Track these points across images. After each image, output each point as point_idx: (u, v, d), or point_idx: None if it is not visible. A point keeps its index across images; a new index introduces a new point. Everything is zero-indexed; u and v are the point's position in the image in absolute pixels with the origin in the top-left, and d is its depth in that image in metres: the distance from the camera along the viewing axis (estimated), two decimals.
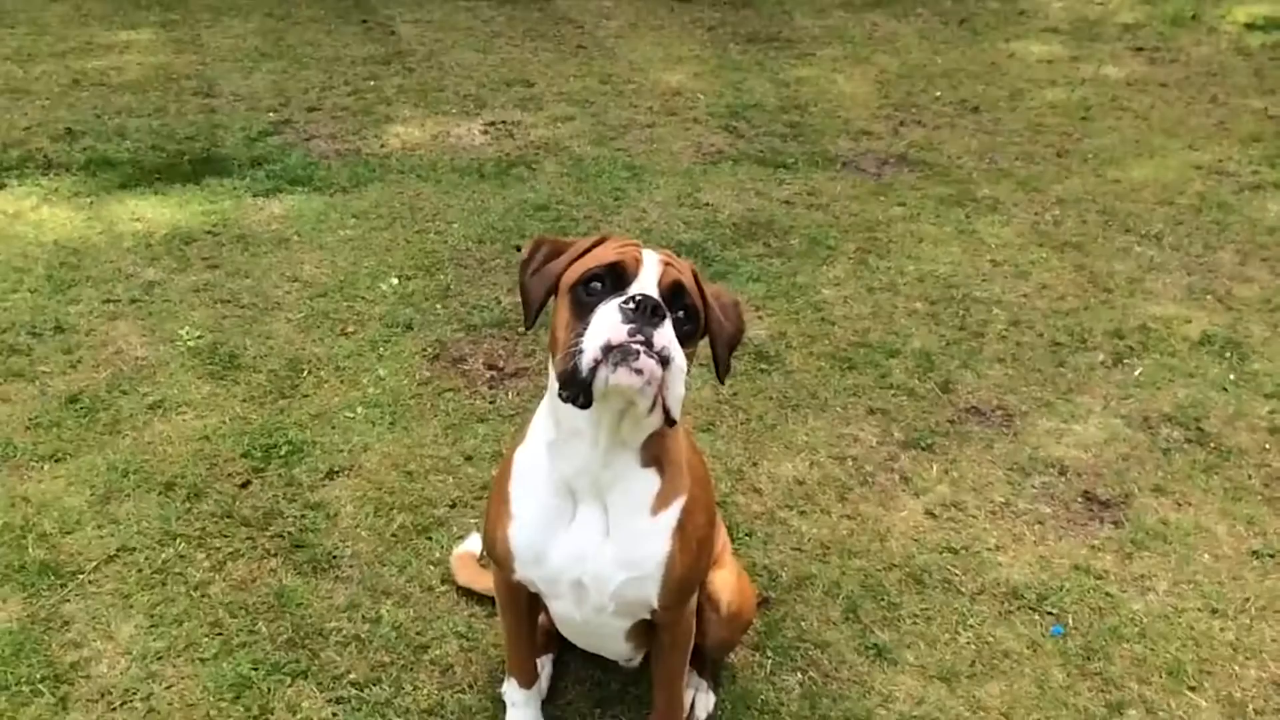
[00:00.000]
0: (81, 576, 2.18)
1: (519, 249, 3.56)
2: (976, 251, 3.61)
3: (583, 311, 1.44)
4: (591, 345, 1.38)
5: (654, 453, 1.59)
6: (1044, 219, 3.84)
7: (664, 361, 1.38)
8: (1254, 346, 3.08)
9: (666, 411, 1.43)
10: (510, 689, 1.86)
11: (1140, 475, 2.57)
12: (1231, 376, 2.95)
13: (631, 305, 1.40)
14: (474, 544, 2.22)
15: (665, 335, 1.39)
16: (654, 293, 1.44)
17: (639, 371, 1.37)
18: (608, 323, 1.39)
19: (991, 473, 2.57)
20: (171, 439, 2.61)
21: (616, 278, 1.47)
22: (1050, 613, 2.16)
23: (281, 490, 2.45)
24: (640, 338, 1.38)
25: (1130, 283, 3.42)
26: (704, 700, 1.95)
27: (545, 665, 1.97)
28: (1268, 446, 2.66)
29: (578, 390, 1.41)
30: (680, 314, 1.47)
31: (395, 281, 3.37)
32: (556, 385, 1.45)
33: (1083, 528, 2.40)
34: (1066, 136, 4.59)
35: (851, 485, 2.52)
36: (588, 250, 1.52)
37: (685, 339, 1.46)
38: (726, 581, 1.85)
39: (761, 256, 3.58)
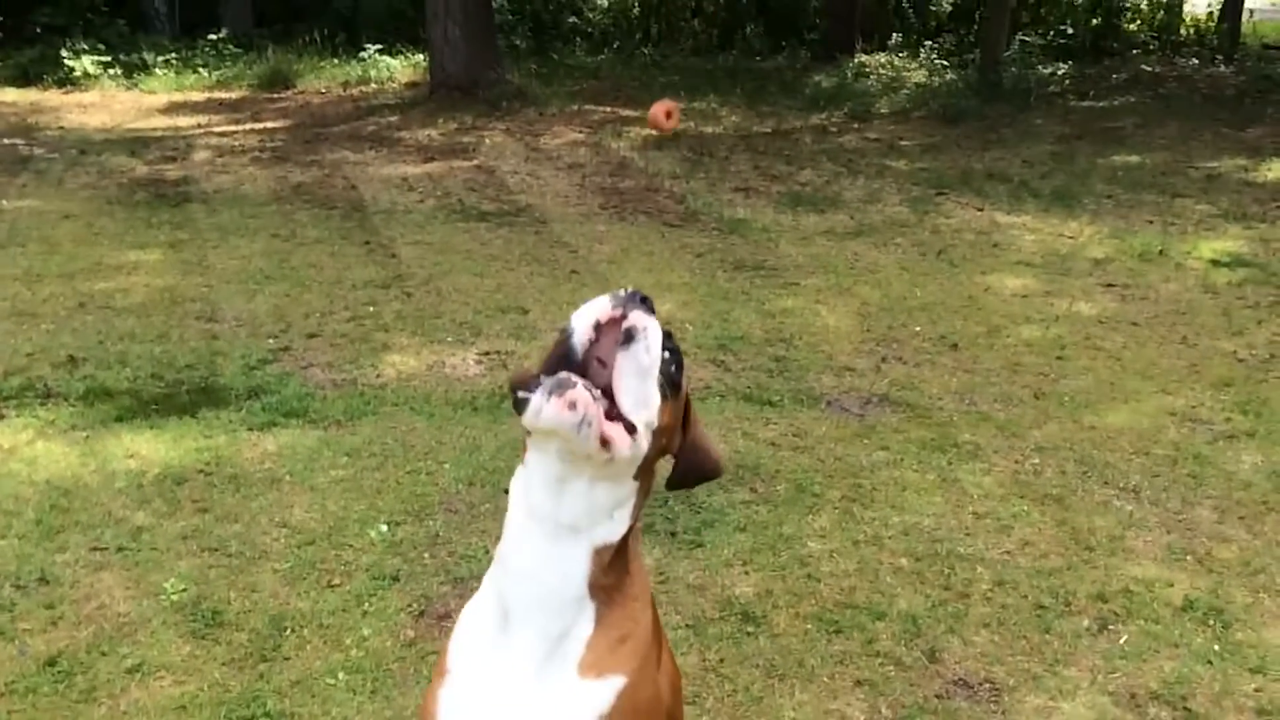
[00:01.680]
0: None
1: (507, 491, 3.59)
2: (959, 502, 3.67)
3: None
4: (582, 323, 1.35)
5: (605, 582, 1.45)
6: (1024, 468, 3.92)
7: (627, 337, 1.32)
8: (1236, 614, 3.09)
9: (617, 408, 1.32)
10: None
11: None
12: (1216, 647, 2.95)
13: (622, 292, 1.36)
14: None
15: (643, 318, 1.34)
16: None
17: (571, 405, 1.28)
18: (594, 302, 1.36)
19: None
20: (147, 709, 2.57)
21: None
22: None
23: None
24: (620, 312, 1.33)
25: (1111, 540, 3.46)
26: None
27: None
28: None
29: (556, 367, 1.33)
30: (666, 354, 1.40)
31: (384, 529, 3.39)
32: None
33: None
34: (1043, 377, 4.72)
35: None
36: None
37: (669, 384, 1.41)
38: None
39: (748, 503, 3.62)
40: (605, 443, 1.32)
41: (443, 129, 10.17)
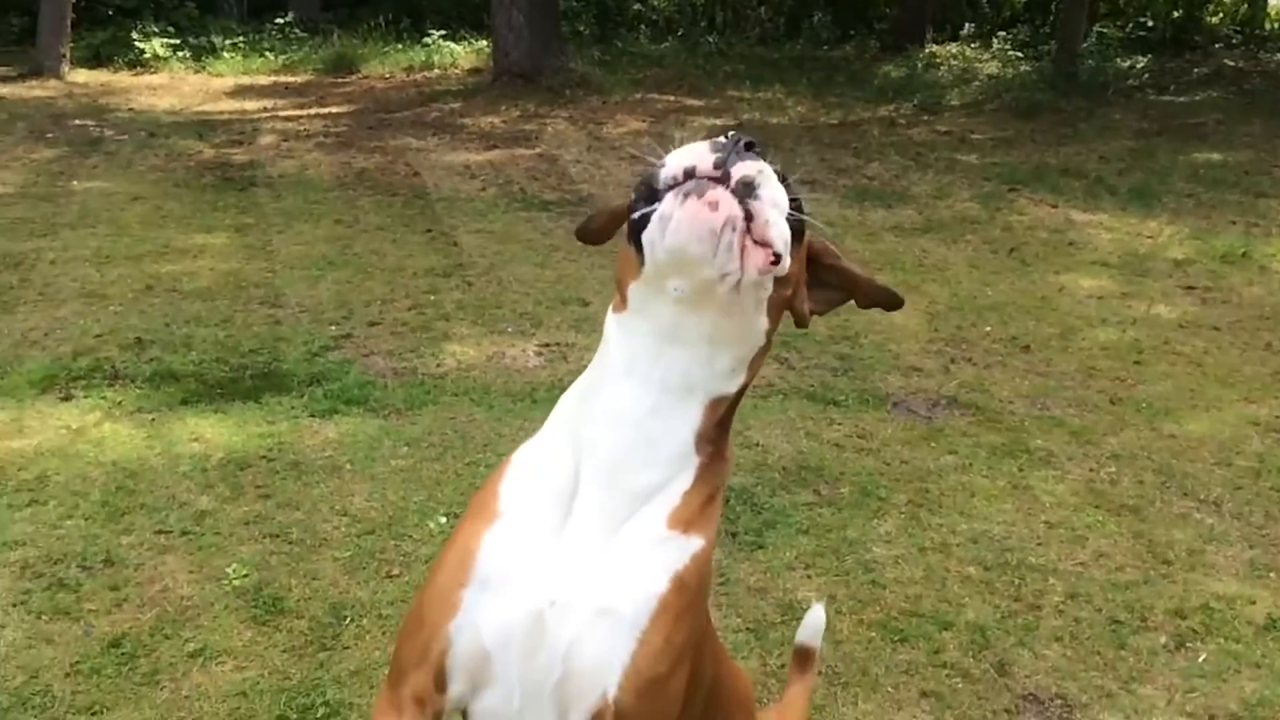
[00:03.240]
0: None
1: None
2: (1030, 511, 3.56)
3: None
4: (673, 162, 1.18)
5: (714, 435, 1.29)
6: (1099, 476, 3.79)
7: (746, 188, 1.15)
8: None
9: (770, 248, 1.16)
10: None
11: None
12: None
13: (722, 138, 1.19)
14: None
15: (752, 166, 1.17)
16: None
17: (712, 205, 1.13)
18: (692, 149, 1.20)
19: None
20: (209, 694, 2.58)
21: None
22: None
23: None
24: (721, 171, 1.16)
25: (1190, 554, 3.33)
26: None
27: None
28: None
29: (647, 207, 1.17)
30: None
31: (443, 520, 3.37)
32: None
33: None
34: (1119, 382, 4.57)
35: None
36: None
37: (790, 230, 1.22)
38: None
39: (811, 505, 3.55)
40: (743, 256, 1.16)
41: (505, 116, 10.16)
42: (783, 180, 1.24)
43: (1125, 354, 4.88)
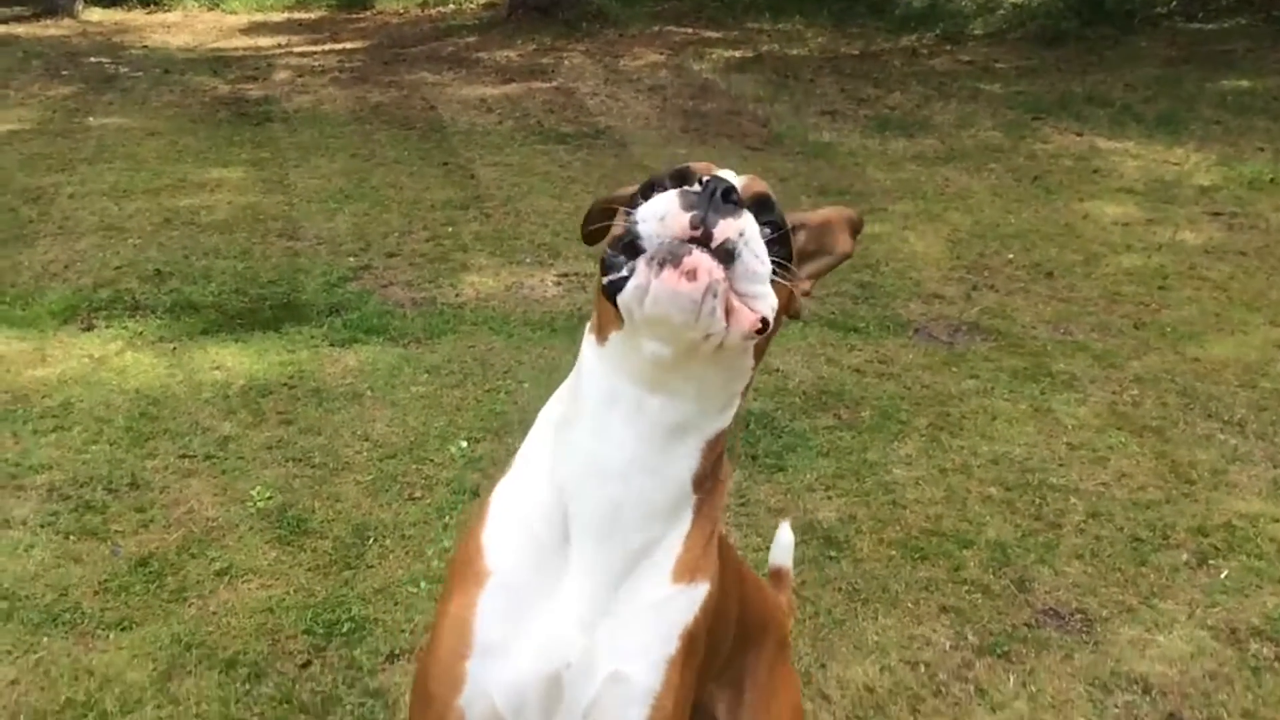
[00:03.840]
0: None
1: None
2: (1052, 433, 3.54)
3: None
4: (648, 214, 1.07)
5: (710, 472, 1.21)
6: (1122, 399, 3.76)
7: (726, 256, 1.05)
8: None
9: (756, 315, 1.08)
10: None
11: (1229, 698, 2.44)
12: None
13: (696, 189, 1.07)
14: None
15: (733, 226, 1.05)
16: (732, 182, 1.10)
17: (690, 275, 1.03)
18: (664, 203, 1.07)
19: (1072, 688, 2.46)
20: (236, 610, 2.61)
21: (682, 181, 1.14)
22: None
23: (342, 673, 2.42)
24: (700, 230, 1.04)
25: (1213, 474, 3.31)
26: None
27: None
28: None
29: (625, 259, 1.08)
30: (765, 228, 1.13)
31: (464, 445, 3.39)
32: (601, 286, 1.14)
33: None
34: (1144, 307, 4.53)
35: (924, 696, 2.43)
36: None
37: (774, 266, 1.12)
38: None
39: (831, 429, 3.54)
40: (728, 315, 1.08)
41: (521, 50, 10.05)
42: (767, 206, 1.17)
43: (1150, 279, 4.82)
